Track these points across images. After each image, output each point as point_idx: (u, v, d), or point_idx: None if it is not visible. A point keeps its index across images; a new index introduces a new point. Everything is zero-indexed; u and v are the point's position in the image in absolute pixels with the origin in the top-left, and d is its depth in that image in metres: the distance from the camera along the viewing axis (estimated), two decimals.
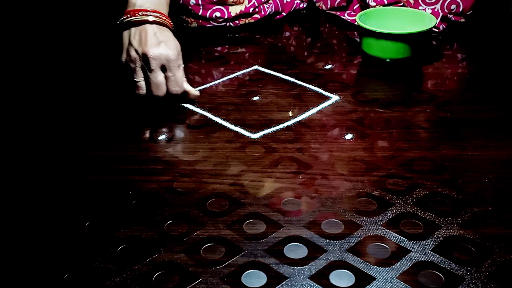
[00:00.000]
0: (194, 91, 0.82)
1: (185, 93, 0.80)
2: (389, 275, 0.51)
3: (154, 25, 0.78)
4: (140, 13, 0.78)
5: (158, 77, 0.77)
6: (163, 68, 0.77)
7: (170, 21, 0.81)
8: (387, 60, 0.92)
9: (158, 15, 0.79)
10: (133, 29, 0.78)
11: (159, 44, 0.76)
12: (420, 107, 0.80)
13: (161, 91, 0.78)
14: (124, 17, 0.79)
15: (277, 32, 1.09)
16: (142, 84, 0.79)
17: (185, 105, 0.81)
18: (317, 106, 0.81)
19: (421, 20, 0.94)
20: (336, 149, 0.70)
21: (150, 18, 0.78)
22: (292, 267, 0.52)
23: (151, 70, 0.76)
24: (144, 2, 0.79)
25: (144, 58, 0.76)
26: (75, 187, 0.64)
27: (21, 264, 0.53)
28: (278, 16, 1.13)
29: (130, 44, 0.78)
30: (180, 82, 0.79)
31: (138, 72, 0.78)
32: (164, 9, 0.81)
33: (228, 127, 0.76)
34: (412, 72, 0.92)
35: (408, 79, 0.90)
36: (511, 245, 0.54)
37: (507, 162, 0.67)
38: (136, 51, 0.77)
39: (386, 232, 0.56)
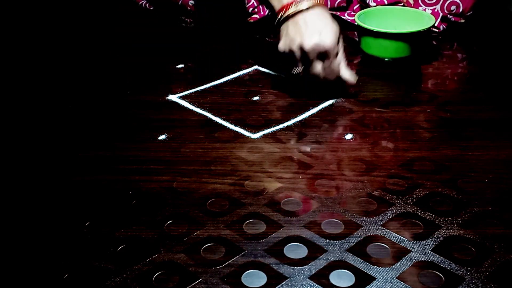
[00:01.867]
0: (351, 78, 0.80)
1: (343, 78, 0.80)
2: (389, 275, 0.51)
3: (309, 13, 0.77)
4: (293, 5, 0.77)
5: (315, 68, 0.78)
6: (322, 56, 0.77)
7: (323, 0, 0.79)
8: (386, 59, 0.92)
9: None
10: (290, 22, 0.78)
11: (313, 34, 0.75)
12: (420, 107, 0.80)
13: (319, 79, 0.79)
14: (281, 14, 0.78)
15: (276, 32, 1.09)
16: (298, 71, 0.80)
17: (185, 105, 0.81)
18: (317, 106, 0.81)
19: (420, 19, 0.94)
20: (336, 149, 0.70)
21: (304, 6, 0.77)
22: (292, 267, 0.52)
23: (309, 62, 0.77)
24: None
25: (302, 49, 0.76)
26: (75, 187, 0.64)
27: (21, 264, 0.53)
28: None
29: (287, 35, 0.78)
30: (336, 71, 0.78)
31: (297, 63, 0.79)
32: None
33: (228, 127, 0.76)
34: (412, 72, 0.92)
35: (408, 79, 0.90)
36: (511, 245, 0.54)
37: (507, 162, 0.67)
38: (294, 42, 0.77)
39: (386, 232, 0.56)
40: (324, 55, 0.76)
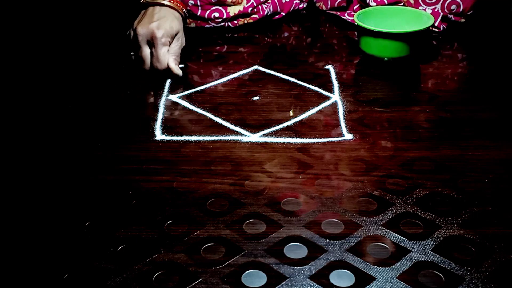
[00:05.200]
0: (176, 70, 0.86)
1: (170, 69, 0.86)
2: (389, 275, 0.51)
3: (161, 7, 0.87)
4: None
5: (143, 52, 0.86)
6: (150, 44, 0.85)
7: (182, 7, 0.90)
8: (386, 59, 0.92)
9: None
10: (144, 10, 0.89)
11: (151, 22, 0.84)
12: (420, 107, 0.80)
13: (145, 65, 0.87)
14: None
15: (276, 32, 1.09)
16: (134, 57, 0.90)
17: (185, 105, 0.81)
18: (317, 106, 0.81)
19: (419, 19, 0.94)
20: (336, 149, 0.70)
21: (165, 2, 0.88)
22: (292, 267, 0.52)
23: (138, 45, 0.86)
24: None
25: (134, 33, 0.85)
26: (75, 187, 0.64)
27: (21, 264, 0.53)
28: (277, 16, 1.13)
29: (134, 21, 0.88)
30: (162, 59, 0.85)
31: (133, 47, 0.88)
32: None
33: (228, 127, 0.76)
34: (412, 72, 0.92)
35: (408, 79, 0.90)
36: (511, 245, 0.54)
37: (507, 162, 0.67)
38: (132, 27, 0.87)
39: (386, 232, 0.56)
40: (152, 43, 0.84)
